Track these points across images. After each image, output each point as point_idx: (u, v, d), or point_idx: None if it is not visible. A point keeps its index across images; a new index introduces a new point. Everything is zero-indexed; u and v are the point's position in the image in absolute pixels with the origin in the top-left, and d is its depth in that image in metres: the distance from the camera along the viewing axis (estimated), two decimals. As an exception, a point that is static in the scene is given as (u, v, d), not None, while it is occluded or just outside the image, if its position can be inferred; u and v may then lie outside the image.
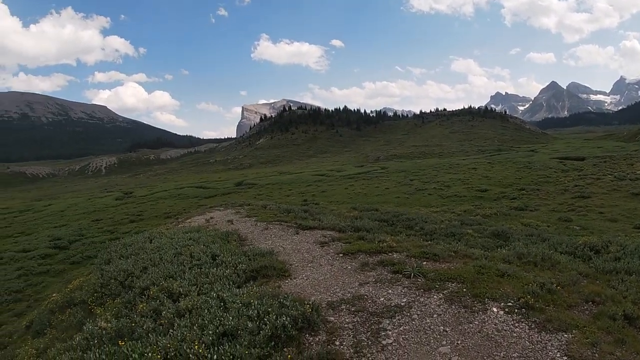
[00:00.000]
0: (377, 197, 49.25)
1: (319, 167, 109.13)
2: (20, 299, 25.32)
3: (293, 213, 20.80)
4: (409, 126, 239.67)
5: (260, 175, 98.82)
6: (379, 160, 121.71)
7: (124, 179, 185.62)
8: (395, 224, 25.38)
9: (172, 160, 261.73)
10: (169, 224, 24.33)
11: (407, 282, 9.13)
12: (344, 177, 76.55)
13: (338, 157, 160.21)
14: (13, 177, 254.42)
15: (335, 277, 9.91)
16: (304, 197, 50.38)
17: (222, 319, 7.06)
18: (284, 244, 13.84)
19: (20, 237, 48.38)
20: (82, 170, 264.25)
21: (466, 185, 52.99)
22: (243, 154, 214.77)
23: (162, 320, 7.89)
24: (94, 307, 11.51)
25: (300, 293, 8.94)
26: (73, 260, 33.27)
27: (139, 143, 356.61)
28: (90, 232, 44.45)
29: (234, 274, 10.31)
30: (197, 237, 14.61)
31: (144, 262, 12.50)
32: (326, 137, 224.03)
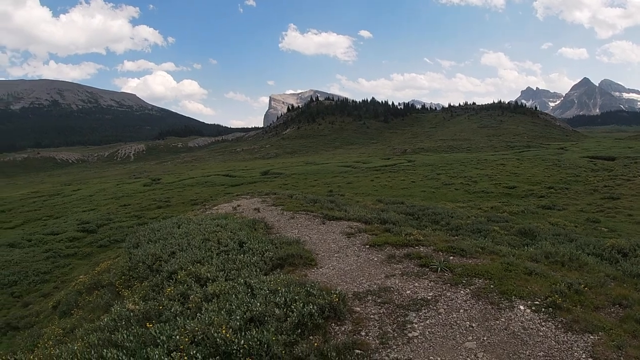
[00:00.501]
0: (402, 190, 49.01)
1: (345, 159, 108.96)
2: (48, 280, 25.88)
3: (319, 203, 20.83)
4: (437, 119, 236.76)
5: (287, 165, 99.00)
6: (406, 153, 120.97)
7: (152, 165, 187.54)
8: (421, 217, 25.29)
9: (199, 149, 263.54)
10: (197, 211, 24.56)
11: (433, 276, 9.11)
12: (370, 169, 76.34)
13: (364, 148, 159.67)
14: (43, 162, 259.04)
15: (362, 268, 9.92)
16: (330, 188, 50.37)
17: (250, 304, 7.10)
18: (310, 233, 13.91)
19: (49, 220, 49.39)
20: (111, 156, 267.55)
21: (494, 181, 52.43)
22: (270, 144, 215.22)
23: (189, 304, 7.97)
24: (121, 290, 11.72)
25: (327, 282, 8.97)
26: (100, 243, 33.82)
27: (167, 131, 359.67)
28: (118, 217, 45.06)
29: (261, 261, 10.39)
30: (224, 224, 14.72)
31: (172, 247, 12.63)
32: (353, 128, 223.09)
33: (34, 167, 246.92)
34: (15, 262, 29.19)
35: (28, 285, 25.07)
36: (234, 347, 6.01)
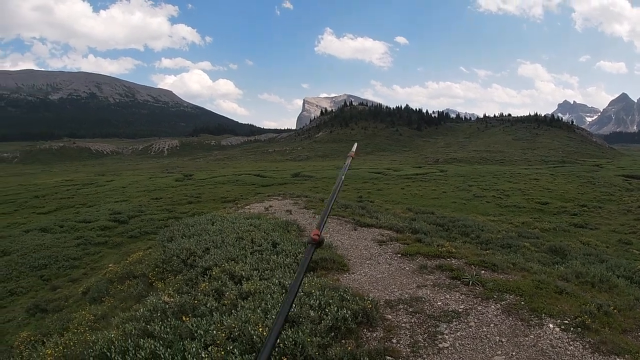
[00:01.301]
0: (433, 200, 48.81)
1: (376, 165, 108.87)
2: (77, 266, 26.56)
3: (350, 209, 20.97)
4: (471, 130, 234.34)
5: (317, 168, 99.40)
6: (438, 162, 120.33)
7: (185, 161, 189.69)
8: (451, 229, 25.21)
9: (232, 147, 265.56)
10: (229, 209, 24.91)
11: (465, 289, 9.16)
12: (401, 176, 76.14)
13: (396, 156, 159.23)
14: (78, 151, 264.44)
15: (393, 277, 10.00)
16: (360, 194, 50.44)
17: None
18: (342, 238, 14.02)
19: (82, 208, 50.54)
20: (145, 150, 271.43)
21: (526, 196, 51.78)
22: (301, 146, 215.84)
23: (225, 300, 8.11)
24: (154, 281, 11.98)
25: (359, 289, 9.06)
26: (131, 234, 34.56)
27: (201, 128, 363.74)
28: (149, 209, 45.85)
29: (294, 263, 10.49)
30: (257, 224, 14.96)
31: (207, 243, 12.86)
32: (385, 135, 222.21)
33: (69, 156, 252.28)
34: (46, 247, 30.05)
35: (57, 269, 25.78)
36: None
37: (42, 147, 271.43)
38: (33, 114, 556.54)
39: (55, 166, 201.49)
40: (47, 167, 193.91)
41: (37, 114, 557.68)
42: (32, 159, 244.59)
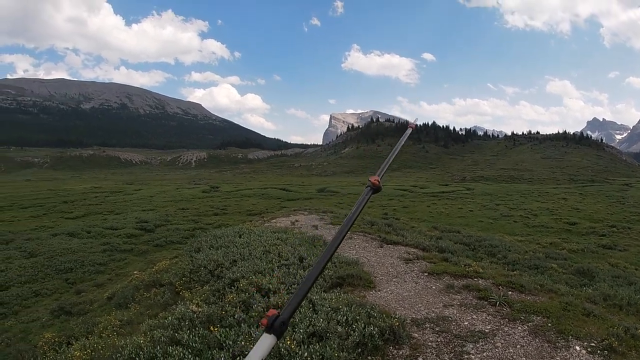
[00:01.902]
0: (459, 218, 48.40)
1: (402, 182, 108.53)
2: (102, 272, 26.83)
3: (376, 226, 20.99)
4: (498, 147, 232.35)
5: (343, 184, 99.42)
6: (465, 180, 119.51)
7: (212, 173, 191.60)
8: (477, 249, 25.02)
9: (258, 161, 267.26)
10: (255, 222, 25.03)
11: (492, 309, 9.11)
12: (427, 194, 75.75)
13: (422, 173, 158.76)
14: (108, 160, 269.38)
15: (420, 295, 9.98)
16: (385, 211, 50.23)
17: (312, 319, 7.27)
18: (368, 255, 14.01)
19: (109, 215, 51.33)
20: (173, 161, 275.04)
21: (554, 215, 50.99)
22: (327, 162, 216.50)
23: (253, 312, 8.21)
24: (181, 290, 12.16)
25: (385, 306, 9.06)
26: (157, 243, 34.91)
27: (228, 141, 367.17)
28: (175, 219, 46.36)
29: (321, 278, 10.49)
30: (284, 238, 15.08)
31: (234, 255, 13.03)
32: (412, 152, 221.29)
33: (98, 164, 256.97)
34: (72, 251, 30.52)
35: (83, 273, 26.10)
36: (297, 359, 6.23)
37: (73, 154, 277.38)
38: (65, 122, 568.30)
39: (84, 173, 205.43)
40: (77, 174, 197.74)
41: (69, 122, 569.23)
42: (63, 165, 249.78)
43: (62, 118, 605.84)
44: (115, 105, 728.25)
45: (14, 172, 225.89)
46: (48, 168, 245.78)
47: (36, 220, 49.53)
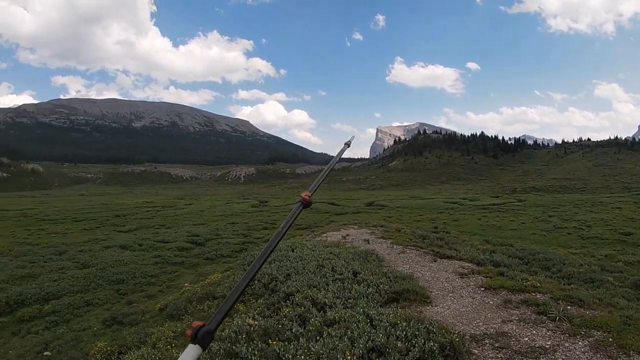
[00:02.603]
0: (511, 231, 47.39)
1: (451, 195, 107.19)
2: (154, 283, 27.25)
3: (428, 240, 20.79)
4: (549, 156, 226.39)
5: (391, 198, 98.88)
6: (516, 191, 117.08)
7: (260, 188, 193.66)
8: (531, 262, 24.48)
9: (306, 175, 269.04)
10: (306, 236, 25.12)
11: (551, 324, 8.92)
12: (477, 207, 74.48)
13: (472, 185, 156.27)
14: (159, 176, 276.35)
15: (477, 311, 9.83)
16: (435, 224, 49.66)
17: (371, 334, 7.21)
18: (422, 270, 13.87)
19: (160, 229, 52.42)
20: (222, 176, 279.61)
21: (609, 226, 49.22)
22: (375, 175, 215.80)
23: (310, 326, 8.18)
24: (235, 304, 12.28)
25: (443, 322, 8.95)
26: (207, 256, 35.29)
27: (276, 157, 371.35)
28: (225, 233, 46.96)
29: (376, 293, 10.46)
30: (337, 252, 15.06)
31: (288, 269, 13.09)
32: (460, 163, 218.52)
33: (150, 179, 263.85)
34: (124, 263, 31.21)
35: (134, 285, 26.59)
36: (359, 375, 6.22)
37: (125, 170, 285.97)
38: (117, 140, 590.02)
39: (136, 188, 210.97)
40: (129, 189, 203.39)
41: (121, 140, 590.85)
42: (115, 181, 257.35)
43: (114, 136, 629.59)
44: (166, 123, 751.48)
45: (68, 187, 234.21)
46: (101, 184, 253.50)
47: (89, 233, 51.12)
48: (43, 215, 73.51)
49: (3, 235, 49.42)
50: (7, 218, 69.72)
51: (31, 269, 30.19)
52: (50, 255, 35.31)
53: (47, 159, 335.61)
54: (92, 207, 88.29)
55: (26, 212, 78.11)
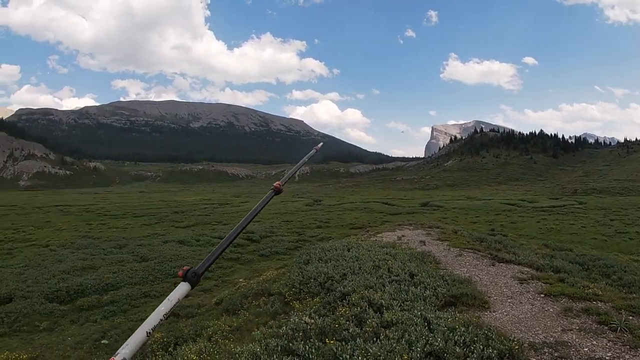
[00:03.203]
0: (570, 235, 45.98)
1: (509, 196, 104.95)
2: (209, 278, 27.91)
3: (486, 242, 20.43)
4: (611, 156, 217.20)
5: (447, 198, 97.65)
6: (576, 193, 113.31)
7: (314, 187, 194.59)
8: (591, 269, 23.71)
9: (360, 175, 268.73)
10: (361, 236, 25.14)
11: (612, 335, 8.64)
12: (536, 209, 72.59)
13: (530, 186, 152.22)
14: (216, 174, 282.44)
15: (536, 318, 9.62)
16: (492, 227, 48.72)
17: (429, 338, 7.17)
18: (480, 274, 13.69)
19: (217, 225, 53.83)
20: (277, 175, 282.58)
21: (674, 231, 47.34)
22: (430, 175, 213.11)
23: (367, 327, 8.15)
24: (291, 301, 12.31)
25: (501, 328, 8.81)
26: (262, 253, 36.25)
27: (330, 156, 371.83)
28: (280, 231, 47.76)
29: (433, 296, 10.37)
30: (393, 253, 14.99)
31: (344, 269, 13.07)
32: (519, 163, 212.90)
33: (207, 178, 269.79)
34: (182, 257, 32.52)
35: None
36: (416, 378, 6.21)
37: (183, 168, 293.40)
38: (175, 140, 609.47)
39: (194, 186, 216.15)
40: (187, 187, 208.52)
41: (179, 140, 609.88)
42: (174, 179, 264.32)
43: (173, 136, 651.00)
44: (223, 123, 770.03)
45: (128, 184, 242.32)
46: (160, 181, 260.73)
47: (148, 228, 52.90)
48: (104, 210, 76.58)
49: (66, 229, 51.72)
50: (70, 213, 72.96)
51: (92, 261, 31.84)
52: (111, 248, 37.02)
53: (109, 158, 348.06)
54: (151, 204, 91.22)
55: (88, 208, 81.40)
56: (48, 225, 55.67)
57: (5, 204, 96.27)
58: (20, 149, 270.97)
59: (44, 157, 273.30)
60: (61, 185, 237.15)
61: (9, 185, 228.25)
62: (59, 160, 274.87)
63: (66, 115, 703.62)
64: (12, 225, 55.98)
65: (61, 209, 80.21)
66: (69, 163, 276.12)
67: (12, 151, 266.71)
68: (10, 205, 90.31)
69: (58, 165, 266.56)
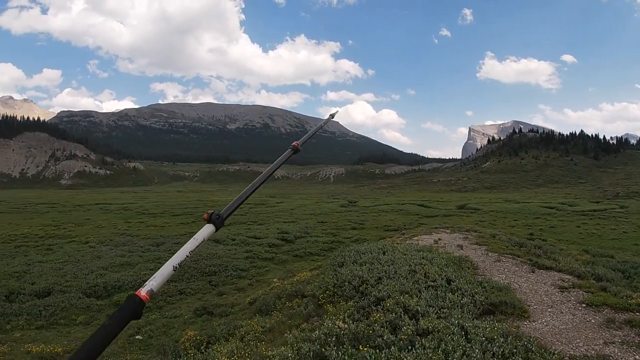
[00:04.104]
0: (611, 241, 44.50)
1: (548, 199, 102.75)
2: (244, 277, 28.40)
3: (525, 248, 19.95)
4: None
5: (484, 201, 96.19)
6: (618, 196, 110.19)
7: (349, 188, 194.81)
8: (632, 276, 23.01)
9: (395, 176, 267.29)
10: (396, 238, 24.93)
11: (656, 349, 8.34)
12: (576, 213, 70.62)
13: (571, 189, 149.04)
14: (252, 175, 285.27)
15: (577, 329, 9.30)
16: (530, 231, 47.63)
17: (466, 349, 6.98)
18: (519, 281, 13.32)
19: (253, 225, 54.08)
20: (312, 176, 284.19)
21: None
22: (467, 177, 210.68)
23: (401, 335, 8.00)
24: (324, 304, 12.24)
25: (541, 339, 8.55)
26: (296, 253, 36.22)
27: (366, 157, 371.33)
28: (314, 232, 47.63)
29: (471, 303, 10.13)
30: (430, 257, 14.69)
31: (379, 273, 12.84)
32: (558, 165, 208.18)
33: (243, 178, 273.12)
34: (217, 256, 32.70)
35: (225, 277, 27.91)
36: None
37: (220, 169, 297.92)
38: (212, 141, 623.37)
39: (230, 186, 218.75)
40: (223, 187, 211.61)
41: (216, 141, 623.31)
42: (211, 179, 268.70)
43: (210, 137, 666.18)
44: (259, 125, 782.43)
45: (166, 184, 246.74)
46: (197, 181, 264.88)
47: (185, 226, 53.78)
48: (143, 209, 78.17)
49: (105, 227, 52.93)
50: (109, 211, 74.65)
51: (129, 257, 32.64)
52: (148, 246, 37.83)
53: (147, 158, 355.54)
54: (188, 203, 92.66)
55: (127, 206, 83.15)
56: (88, 223, 57.05)
57: (47, 201, 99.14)
58: (62, 150, 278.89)
59: (85, 157, 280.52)
60: (101, 184, 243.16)
61: (51, 184, 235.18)
62: (99, 160, 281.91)
63: (106, 117, 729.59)
64: (53, 222, 57.62)
65: (101, 207, 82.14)
66: (109, 163, 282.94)
67: (54, 151, 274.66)
68: (52, 203, 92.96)
69: (98, 165, 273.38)
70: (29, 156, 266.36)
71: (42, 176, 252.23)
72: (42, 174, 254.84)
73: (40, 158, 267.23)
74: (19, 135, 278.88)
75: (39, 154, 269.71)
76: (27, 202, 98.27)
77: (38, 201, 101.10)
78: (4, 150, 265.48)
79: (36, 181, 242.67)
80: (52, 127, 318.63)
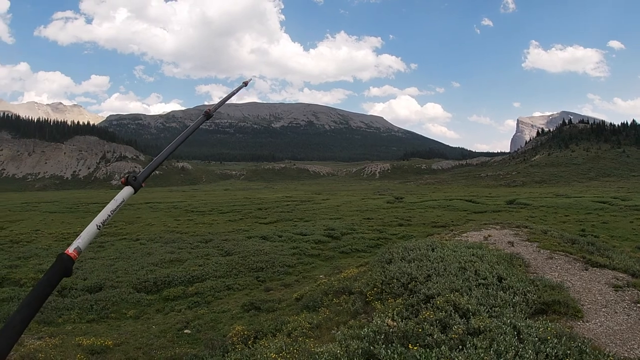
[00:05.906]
0: (666, 237, 42.99)
1: (600, 193, 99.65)
2: (290, 273, 28.80)
3: (578, 244, 19.36)
4: None
5: (534, 196, 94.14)
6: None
7: (395, 184, 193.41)
8: (689, 275, 22.17)
9: (442, 171, 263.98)
10: (444, 235, 24.63)
11: None
12: (629, 207, 67.88)
13: (624, 182, 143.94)
14: (298, 172, 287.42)
15: (632, 330, 8.95)
16: (582, 227, 46.22)
17: (519, 349, 6.86)
18: (572, 279, 12.89)
19: (299, 222, 54.67)
20: (358, 172, 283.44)
21: None
22: (516, 170, 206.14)
23: (452, 334, 7.89)
24: (372, 301, 12.17)
25: (595, 340, 8.29)
26: (342, 250, 36.48)
27: (411, 152, 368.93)
28: (361, 228, 47.84)
29: (523, 302, 9.89)
30: (480, 254, 14.42)
31: (428, 270, 12.70)
32: (611, 157, 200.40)
33: (289, 175, 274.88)
34: (264, 252, 33.38)
35: (272, 273, 28.43)
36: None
37: (266, 167, 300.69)
38: (258, 139, 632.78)
39: (276, 184, 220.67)
40: (270, 185, 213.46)
41: (262, 139, 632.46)
42: (257, 177, 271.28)
43: (256, 136, 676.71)
44: (303, 122, 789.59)
45: (214, 183, 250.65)
46: (244, 180, 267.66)
47: (233, 224, 54.67)
48: (191, 207, 79.96)
49: (155, 224, 54.30)
50: (159, 209, 76.48)
51: (179, 254, 33.59)
52: (197, 242, 38.75)
53: (196, 158, 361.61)
54: (236, 201, 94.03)
55: (176, 205, 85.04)
56: (138, 221, 58.65)
57: (98, 201, 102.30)
58: (112, 151, 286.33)
59: (135, 159, 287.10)
60: (151, 183, 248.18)
61: (102, 184, 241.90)
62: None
63: (154, 120, 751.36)
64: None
65: (151, 205, 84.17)
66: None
67: (105, 153, 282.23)
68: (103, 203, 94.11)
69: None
70: (80, 159, 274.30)
71: (93, 177, 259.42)
72: (93, 175, 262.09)
73: (91, 160, 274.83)
74: (70, 139, 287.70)
75: (89, 156, 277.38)
76: (79, 202, 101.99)
77: (89, 201, 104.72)
78: (56, 153, 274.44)
79: (87, 182, 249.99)
80: (102, 130, 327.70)
